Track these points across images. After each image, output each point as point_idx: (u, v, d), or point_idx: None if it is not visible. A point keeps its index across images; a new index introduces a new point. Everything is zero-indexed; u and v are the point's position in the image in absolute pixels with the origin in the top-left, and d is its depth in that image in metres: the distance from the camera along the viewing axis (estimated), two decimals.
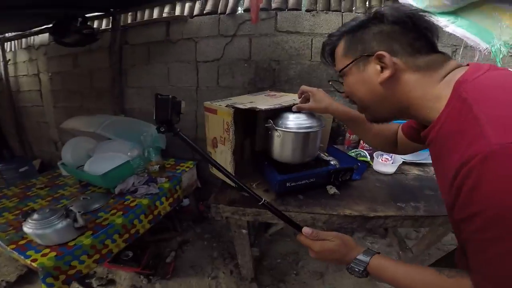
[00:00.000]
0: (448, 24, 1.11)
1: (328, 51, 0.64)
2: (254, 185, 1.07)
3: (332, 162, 1.13)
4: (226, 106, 0.97)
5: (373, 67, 0.52)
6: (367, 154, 1.33)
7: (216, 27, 1.77)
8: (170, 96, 0.57)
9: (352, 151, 1.39)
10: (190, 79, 1.94)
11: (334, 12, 1.58)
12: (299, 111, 0.96)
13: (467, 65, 0.49)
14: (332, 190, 1.04)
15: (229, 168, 1.03)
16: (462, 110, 0.41)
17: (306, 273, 1.61)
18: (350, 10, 1.59)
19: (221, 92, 1.89)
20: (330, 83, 0.72)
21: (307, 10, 1.60)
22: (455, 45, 1.58)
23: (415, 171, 1.29)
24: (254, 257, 1.54)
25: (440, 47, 0.52)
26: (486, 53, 1.10)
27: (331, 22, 1.59)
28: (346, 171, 1.08)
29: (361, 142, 1.43)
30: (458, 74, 0.47)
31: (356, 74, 0.56)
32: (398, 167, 1.25)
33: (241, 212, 0.97)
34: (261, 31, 1.69)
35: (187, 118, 2.03)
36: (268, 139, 1.06)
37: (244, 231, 1.09)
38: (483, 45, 1.05)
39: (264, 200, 0.69)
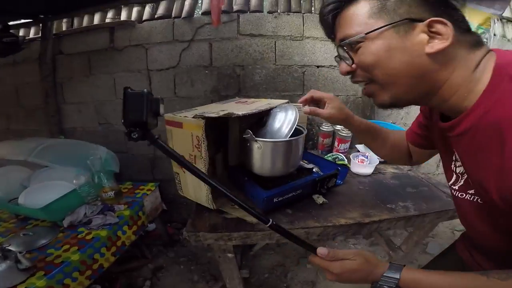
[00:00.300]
0: None
1: (333, 10, 0.51)
2: (236, 204, 0.93)
3: (314, 170, 1.06)
4: (194, 117, 0.81)
5: (419, 35, 0.43)
6: (344, 157, 1.30)
7: (170, 32, 1.61)
8: (146, 90, 0.41)
9: (329, 155, 1.35)
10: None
11: (295, 14, 1.55)
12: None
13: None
14: (320, 199, 0.96)
15: (204, 190, 0.88)
16: None
17: (297, 284, 1.53)
18: (310, 11, 1.58)
19: (180, 103, 1.72)
20: (336, 58, 0.57)
21: (269, 12, 1.55)
22: None
23: (390, 169, 1.29)
24: (244, 279, 1.40)
25: None
26: None
27: (293, 24, 1.55)
28: (330, 178, 1.01)
29: (336, 145, 1.40)
30: (491, 57, 0.42)
31: (392, 39, 0.44)
32: (375, 167, 1.24)
33: (226, 238, 0.83)
34: (222, 35, 1.58)
35: None
36: (246, 152, 0.94)
37: (230, 255, 0.95)
38: None
39: (272, 222, 0.57)
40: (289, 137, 0.88)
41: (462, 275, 0.49)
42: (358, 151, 1.43)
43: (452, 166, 0.57)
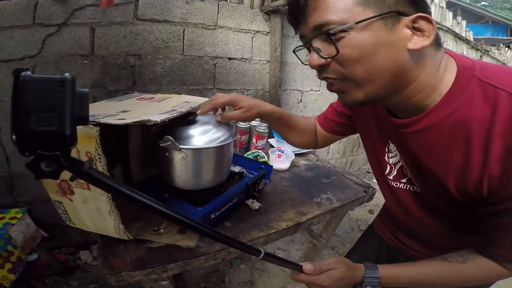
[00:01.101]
0: None
1: None
2: (161, 229, 0.74)
3: (242, 172, 0.99)
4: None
5: (403, 30, 0.39)
6: (264, 154, 1.29)
7: (29, 14, 1.16)
8: (68, 75, 0.22)
9: (249, 153, 1.30)
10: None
11: (209, 0, 1.39)
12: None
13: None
14: (255, 204, 0.90)
15: (111, 219, 0.65)
16: (487, 96, 0.40)
17: (237, 286, 1.47)
18: None
19: None
20: (298, 48, 0.53)
21: None
22: None
23: (302, 161, 1.38)
24: None
25: None
26: None
27: (207, 11, 1.40)
28: (260, 179, 0.96)
29: (254, 142, 1.37)
30: (449, 58, 0.45)
31: (380, 32, 0.39)
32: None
33: (160, 271, 0.65)
34: (112, 19, 1.25)
35: None
36: (164, 163, 0.75)
37: (164, 282, 0.77)
38: None
39: (264, 252, 0.47)
40: (219, 141, 0.74)
41: (428, 263, 0.55)
42: (273, 146, 1.46)
43: (386, 157, 0.62)
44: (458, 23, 3.37)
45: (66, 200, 0.68)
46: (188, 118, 0.75)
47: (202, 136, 0.72)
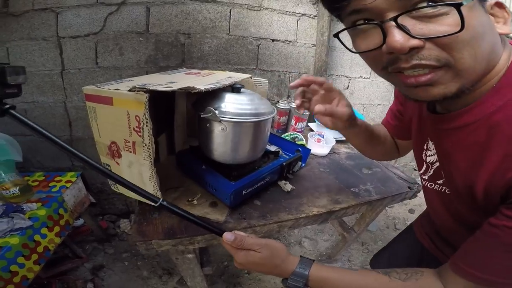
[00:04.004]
0: None
1: None
2: (194, 200, 0.78)
3: (278, 152, 0.97)
4: (131, 90, 0.60)
5: (488, 15, 0.35)
6: (302, 137, 1.25)
7: None
8: None
9: (286, 134, 1.27)
10: (49, 61, 1.35)
11: None
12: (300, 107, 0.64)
13: None
14: (287, 186, 0.89)
15: (150, 185, 0.69)
16: None
17: None
18: None
19: (103, 74, 1.40)
20: (337, 36, 0.42)
21: None
22: None
23: (343, 149, 1.31)
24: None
25: None
26: None
27: None
28: (296, 161, 0.95)
29: (293, 123, 1.34)
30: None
31: (481, 13, 0.33)
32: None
33: (187, 242, 0.68)
34: None
35: (53, 112, 1.43)
36: (204, 135, 0.77)
37: (190, 255, 0.81)
38: None
39: (162, 200, 0.51)
40: (259, 115, 0.73)
41: (366, 274, 0.52)
42: (312, 130, 1.41)
43: (423, 155, 0.55)
44: None
45: (114, 163, 0.74)
46: (232, 86, 0.76)
47: (243, 109, 0.71)
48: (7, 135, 1.18)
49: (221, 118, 0.69)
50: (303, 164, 1.06)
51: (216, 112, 0.68)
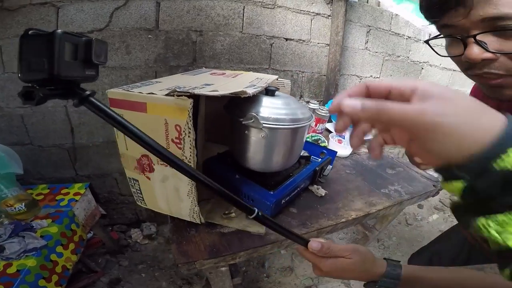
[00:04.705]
0: (393, 5, 1.09)
1: None
2: (232, 212, 0.74)
3: (309, 156, 0.95)
4: (168, 94, 0.53)
5: None
6: (325, 139, 1.24)
7: None
8: (60, 30, 0.24)
9: (307, 136, 1.25)
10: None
11: None
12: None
13: None
14: (320, 191, 0.87)
15: (188, 201, 0.64)
16: None
17: (276, 272, 1.49)
18: None
19: (109, 75, 1.32)
20: (428, 43, 0.48)
21: None
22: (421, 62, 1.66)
23: (363, 149, 1.29)
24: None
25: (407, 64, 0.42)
26: None
27: None
28: (327, 165, 0.93)
29: (313, 125, 1.32)
30: None
31: None
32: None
33: (230, 258, 0.65)
34: None
35: (53, 118, 1.33)
36: (239, 141, 0.73)
37: (223, 268, 0.78)
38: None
39: (258, 212, 0.44)
40: (298, 121, 0.69)
41: (460, 271, 0.50)
42: (330, 131, 1.39)
43: None
44: None
45: (143, 178, 0.68)
46: (266, 89, 0.72)
47: (281, 114, 0.67)
48: (5, 146, 1.08)
49: (263, 124, 0.65)
50: (331, 167, 1.04)
51: (258, 118, 0.64)
